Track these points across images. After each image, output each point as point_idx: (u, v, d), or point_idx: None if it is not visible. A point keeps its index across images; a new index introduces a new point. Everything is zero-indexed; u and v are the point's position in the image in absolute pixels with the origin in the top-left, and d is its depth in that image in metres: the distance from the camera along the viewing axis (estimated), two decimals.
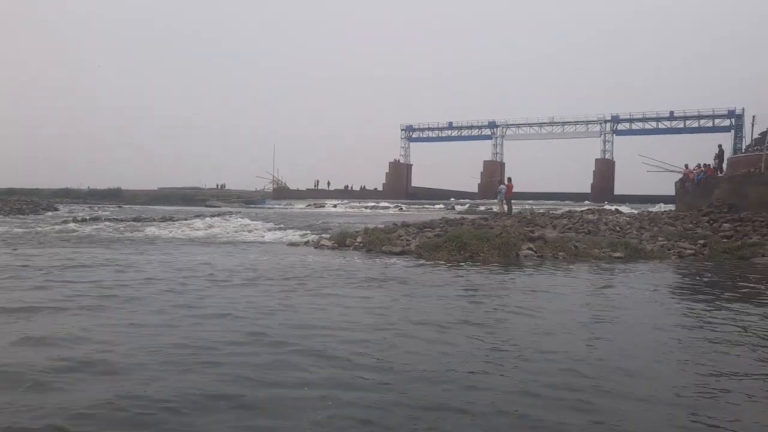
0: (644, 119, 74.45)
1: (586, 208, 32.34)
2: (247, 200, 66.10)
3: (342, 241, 15.34)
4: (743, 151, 46.90)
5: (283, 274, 10.15)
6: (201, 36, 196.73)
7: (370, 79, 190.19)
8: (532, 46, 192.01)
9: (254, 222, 26.02)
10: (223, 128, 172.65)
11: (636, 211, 32.87)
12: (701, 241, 16.84)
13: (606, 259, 13.87)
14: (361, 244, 14.83)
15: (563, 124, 78.26)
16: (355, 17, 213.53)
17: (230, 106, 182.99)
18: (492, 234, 14.33)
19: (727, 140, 69.27)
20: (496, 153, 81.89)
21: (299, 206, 56.32)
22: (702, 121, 71.73)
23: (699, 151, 71.51)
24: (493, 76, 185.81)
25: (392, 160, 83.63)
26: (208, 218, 27.59)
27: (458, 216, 25.17)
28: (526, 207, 41.60)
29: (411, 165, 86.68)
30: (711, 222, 21.23)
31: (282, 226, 23.35)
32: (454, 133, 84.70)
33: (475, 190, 79.86)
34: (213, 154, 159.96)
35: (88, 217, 27.51)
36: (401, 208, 51.11)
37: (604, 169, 74.35)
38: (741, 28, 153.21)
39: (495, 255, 13.16)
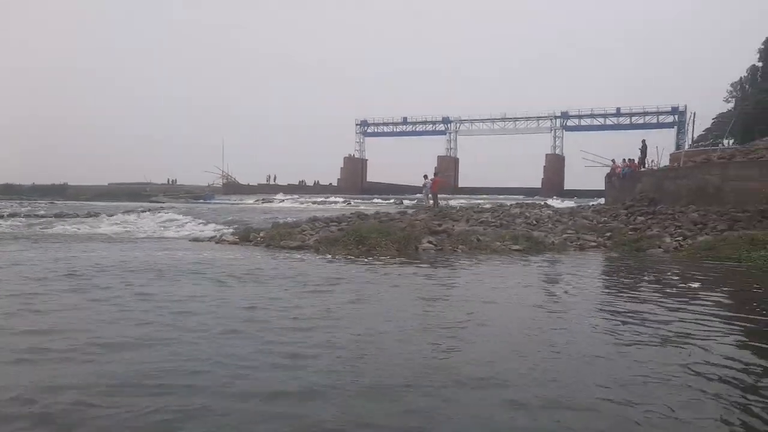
0: (592, 115, 75.95)
1: (529, 201, 32.80)
2: (196, 196, 65.06)
3: (246, 237, 15.14)
4: (688, 146, 48.41)
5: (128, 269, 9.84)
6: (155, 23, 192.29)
7: (326, 72, 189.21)
8: (487, 43, 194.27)
9: (184, 218, 25.61)
10: (177, 121, 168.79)
11: (575, 205, 33.45)
12: (608, 234, 17.18)
13: (505, 251, 13.99)
14: (263, 240, 14.64)
15: (515, 120, 79.26)
16: (307, 10, 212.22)
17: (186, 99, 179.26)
18: (395, 228, 14.30)
19: (671, 136, 71.15)
20: (450, 148, 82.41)
21: (248, 202, 55.70)
22: (647, 118, 73.54)
23: (651, 144, 73.39)
24: (447, 72, 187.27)
25: (347, 155, 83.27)
26: (135, 214, 27.01)
27: (398, 210, 25.27)
28: (473, 202, 42.03)
29: (366, 160, 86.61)
30: (628, 215, 21.68)
31: (206, 221, 22.98)
32: (409, 128, 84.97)
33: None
34: (166, 149, 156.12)
35: (5, 213, 26.61)
36: (350, 203, 51.01)
37: (555, 164, 75.51)
38: (685, 27, 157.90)
39: (393, 249, 13.11)
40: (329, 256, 12.46)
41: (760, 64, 37.67)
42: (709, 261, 13.05)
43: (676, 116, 71.15)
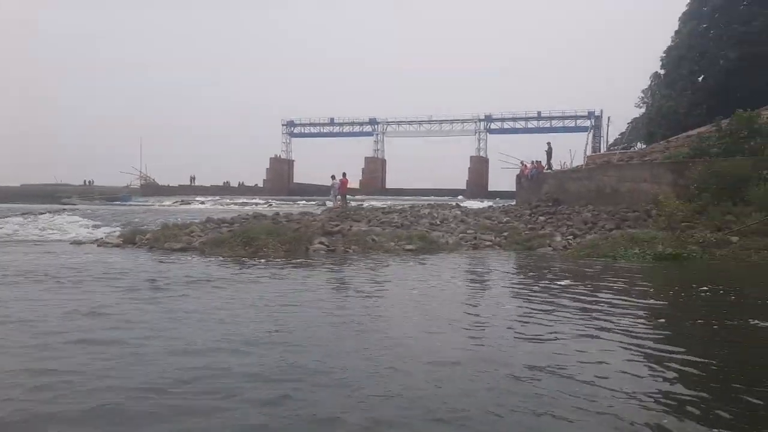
0: (515, 119, 77.90)
1: (441, 203, 33.04)
2: (111, 197, 62.39)
3: (131, 239, 14.51)
4: (604, 149, 50.39)
5: None
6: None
7: (254, 71, 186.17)
8: (416, 45, 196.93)
9: (81, 220, 24.43)
10: (98, 120, 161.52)
11: (488, 205, 33.97)
12: (505, 233, 17.50)
13: (398, 252, 14.01)
14: (147, 241, 14.07)
15: (441, 122, 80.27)
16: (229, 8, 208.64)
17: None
18: (287, 229, 14.06)
19: (589, 139, 73.70)
20: (377, 149, 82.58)
21: (165, 203, 54.00)
22: (566, 121, 76.04)
23: (566, 147, 76.22)
24: (375, 74, 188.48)
25: (273, 156, 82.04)
26: (32, 216, 25.54)
27: (304, 212, 24.91)
28: (396, 203, 41.97)
29: (293, 161, 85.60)
30: (532, 215, 22.24)
31: (101, 223, 21.99)
32: (336, 129, 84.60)
33: (357, 186, 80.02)
34: (82, 150, 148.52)
35: None
36: (271, 205, 50.18)
37: (479, 166, 76.92)
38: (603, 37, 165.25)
39: (281, 250, 12.87)
40: (212, 257, 12.10)
41: (662, 72, 39.53)
42: (590, 259, 13.51)
43: (593, 120, 73.80)
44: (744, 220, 15.70)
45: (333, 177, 25.94)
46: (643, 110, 45.34)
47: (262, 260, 11.70)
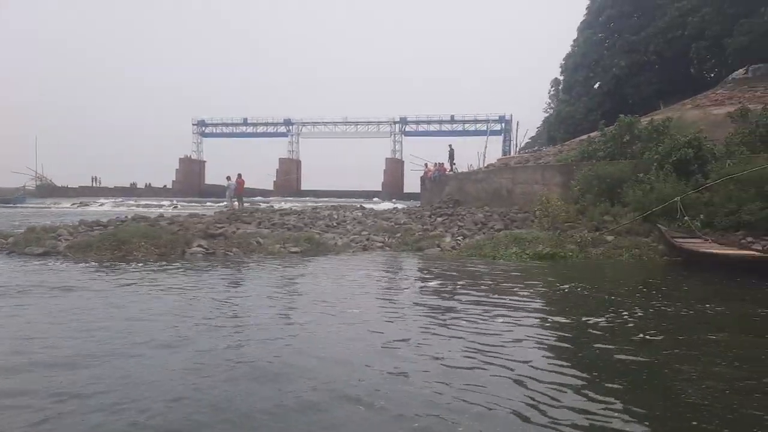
0: (429, 122, 79.12)
1: (345, 204, 32.84)
2: (3, 199, 58.27)
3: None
4: (515, 152, 52.01)
5: None
6: None
7: (164, 71, 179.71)
8: (334, 47, 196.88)
9: None
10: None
11: (404, 207, 34.04)
12: (398, 235, 17.52)
13: (282, 254, 13.70)
14: (7, 246, 13.06)
15: (356, 123, 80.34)
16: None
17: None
18: (164, 232, 13.43)
19: (501, 141, 76.05)
20: (292, 151, 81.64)
21: (63, 205, 51.04)
22: (478, 125, 77.92)
23: (480, 150, 78.53)
24: (290, 74, 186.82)
25: (183, 156, 79.40)
26: None
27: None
28: (309, 205, 41.40)
29: (204, 161, 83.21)
30: (431, 216, 22.42)
31: None
32: (250, 129, 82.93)
33: (271, 187, 78.90)
34: None
35: None
36: (176, 206, 48.40)
37: (394, 168, 77.48)
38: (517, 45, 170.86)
39: (154, 253, 12.27)
40: (75, 262, 11.35)
41: (561, 78, 41.28)
42: (473, 258, 13.72)
43: (503, 124, 76.16)
44: (620, 220, 16.46)
45: (228, 178, 25.23)
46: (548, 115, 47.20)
47: (131, 264, 11.09)
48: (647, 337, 5.89)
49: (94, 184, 73.26)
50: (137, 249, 12.17)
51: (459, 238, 16.69)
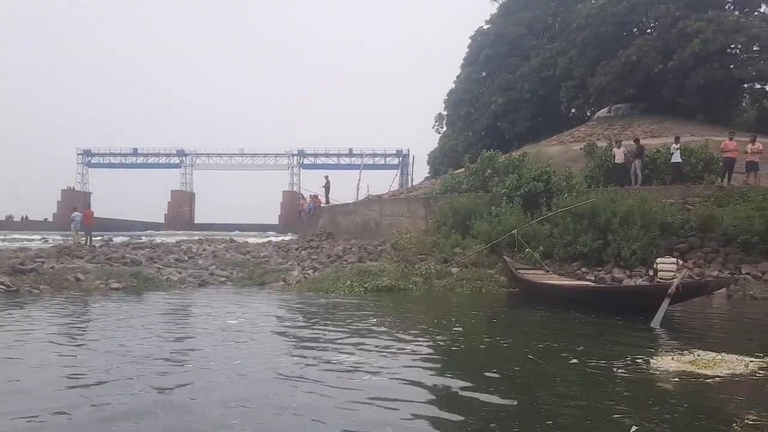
0: (327, 155, 79.10)
1: (219, 238, 31.59)
2: None
3: None
4: (412, 185, 52.56)
5: None
6: None
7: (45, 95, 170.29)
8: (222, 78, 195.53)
9: None
10: None
11: (279, 240, 33.07)
12: (249, 269, 16.75)
13: (101, 290, 12.59)
14: None
15: (253, 155, 79.06)
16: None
17: None
18: None
19: (399, 175, 77.03)
20: (186, 183, 78.90)
21: None
22: (376, 159, 78.84)
23: (376, 183, 79.17)
24: (180, 105, 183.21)
25: (65, 188, 74.74)
26: None
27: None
28: (195, 238, 39.53)
29: (90, 193, 78.56)
30: (298, 249, 21.74)
31: None
32: (140, 159, 79.48)
33: (162, 220, 75.65)
34: None
35: None
36: (47, 240, 45.02)
37: (291, 201, 76.40)
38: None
39: None
40: None
41: (445, 113, 42.39)
42: (310, 293, 13.24)
43: (401, 158, 77.38)
44: (469, 252, 16.54)
45: (75, 209, 23.65)
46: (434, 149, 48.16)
47: None
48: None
49: None
50: None
51: (309, 271, 16.15)
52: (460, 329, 8.36)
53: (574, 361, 6.09)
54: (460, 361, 6.43)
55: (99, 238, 27.15)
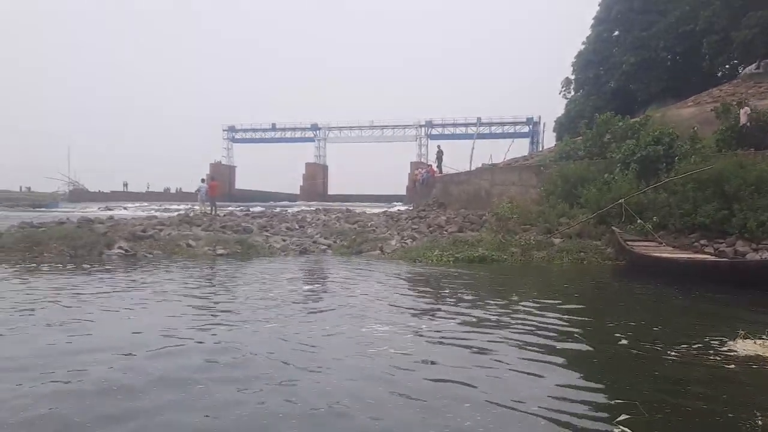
0: (455, 125, 78.13)
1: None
2: (36, 204, 60.52)
3: None
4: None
5: None
6: None
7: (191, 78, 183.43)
8: (356, 49, 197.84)
9: None
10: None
11: (395, 211, 33.59)
12: (353, 237, 17.09)
13: (207, 256, 13.51)
14: None
15: (383, 127, 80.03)
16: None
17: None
18: (85, 234, 13.43)
19: (528, 143, 74.67)
20: (319, 155, 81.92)
21: (91, 209, 52.53)
22: (505, 127, 76.57)
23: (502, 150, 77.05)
24: (317, 79, 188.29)
25: (213, 162, 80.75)
26: None
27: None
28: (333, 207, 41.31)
29: (235, 167, 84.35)
30: (407, 219, 21.86)
31: None
32: (278, 134, 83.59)
33: (297, 191, 79.41)
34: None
35: None
36: (192, 209, 49.04)
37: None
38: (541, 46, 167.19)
39: (66, 255, 12.23)
40: None
41: (573, 77, 40.01)
42: (399, 261, 13.29)
43: (531, 126, 74.67)
44: (573, 222, 15.64)
45: (203, 180, 25.36)
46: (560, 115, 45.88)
47: (32, 265, 11.05)
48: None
49: (124, 189, 75.30)
50: (49, 251, 12.16)
51: (408, 240, 16.15)
52: (557, 304, 7.92)
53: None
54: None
55: (237, 208, 29.25)
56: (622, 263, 13.06)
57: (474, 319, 6.62)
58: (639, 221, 14.25)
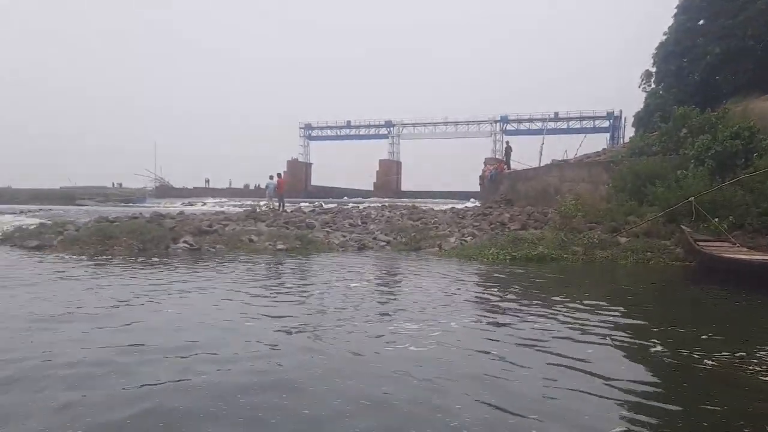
0: (531, 120, 76.62)
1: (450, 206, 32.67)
2: (126, 199, 64.22)
3: (9, 236, 14.79)
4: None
5: None
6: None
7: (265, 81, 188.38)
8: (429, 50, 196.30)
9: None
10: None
11: (463, 208, 33.40)
12: (412, 234, 17.13)
13: (268, 251, 13.92)
14: (9, 239, 14.41)
15: (456, 123, 79.55)
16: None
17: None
18: (153, 228, 14.18)
19: (608, 138, 72.04)
20: (393, 152, 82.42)
21: (175, 204, 55.18)
22: (584, 122, 74.40)
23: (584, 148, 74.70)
24: (390, 75, 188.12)
25: (290, 159, 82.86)
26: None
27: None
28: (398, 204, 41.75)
29: (311, 164, 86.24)
30: (473, 216, 21.65)
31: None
32: (353, 131, 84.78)
33: (371, 188, 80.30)
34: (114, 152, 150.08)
35: None
36: (269, 205, 50.56)
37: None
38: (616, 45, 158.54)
39: (135, 248, 12.94)
40: (56, 255, 12.27)
41: (653, 69, 38.11)
42: (453, 259, 13.22)
43: (611, 121, 72.15)
44: (640, 221, 15.01)
45: (271, 177, 26.02)
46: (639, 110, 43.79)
47: (103, 258, 11.79)
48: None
49: (206, 185, 78.52)
50: (119, 244, 12.91)
51: (468, 238, 16.00)
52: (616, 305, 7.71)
53: None
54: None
55: (307, 203, 29.84)
56: (692, 264, 12.44)
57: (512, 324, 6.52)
58: (714, 220, 13.48)
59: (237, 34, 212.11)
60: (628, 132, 60.64)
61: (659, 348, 5.28)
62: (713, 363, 4.81)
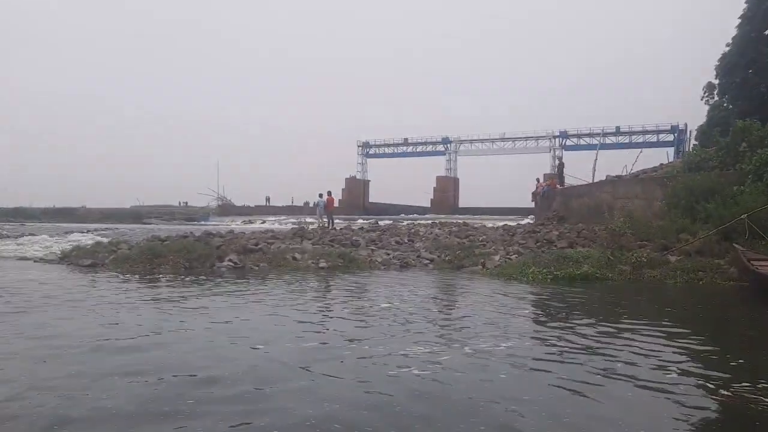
0: (591, 134, 74.81)
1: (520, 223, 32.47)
2: (189, 217, 66.57)
3: (67, 255, 15.61)
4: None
5: None
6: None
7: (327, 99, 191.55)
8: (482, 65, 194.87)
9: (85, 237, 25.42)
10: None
11: (516, 225, 33.00)
12: (458, 252, 17.08)
13: (310, 269, 14.21)
14: (66, 257, 15.22)
15: (514, 139, 78.63)
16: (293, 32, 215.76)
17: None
18: (200, 247, 14.70)
19: (672, 153, 69.67)
20: (450, 168, 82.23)
21: (236, 223, 56.77)
22: (647, 136, 72.10)
23: (647, 164, 72.32)
24: (447, 92, 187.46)
25: (348, 176, 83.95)
26: (58, 236, 26.83)
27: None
28: (454, 220, 41.71)
29: (368, 181, 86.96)
30: (522, 233, 21.40)
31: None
32: (410, 149, 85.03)
33: (428, 204, 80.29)
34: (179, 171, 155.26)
35: None
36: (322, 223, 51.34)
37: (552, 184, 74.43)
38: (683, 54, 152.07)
39: (181, 267, 13.47)
40: (108, 273, 12.91)
41: (716, 82, 36.72)
42: (494, 278, 13.12)
43: (676, 134, 69.69)
44: (693, 239, 14.48)
45: (320, 195, 26.46)
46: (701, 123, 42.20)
47: (147, 276, 12.32)
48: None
49: (267, 204, 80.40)
50: (166, 262, 13.47)
51: (513, 256, 15.84)
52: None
53: None
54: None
55: (365, 221, 30.08)
56: (746, 284, 11.91)
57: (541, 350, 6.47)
58: None
59: (302, 46, 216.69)
60: (693, 146, 58.68)
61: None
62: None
